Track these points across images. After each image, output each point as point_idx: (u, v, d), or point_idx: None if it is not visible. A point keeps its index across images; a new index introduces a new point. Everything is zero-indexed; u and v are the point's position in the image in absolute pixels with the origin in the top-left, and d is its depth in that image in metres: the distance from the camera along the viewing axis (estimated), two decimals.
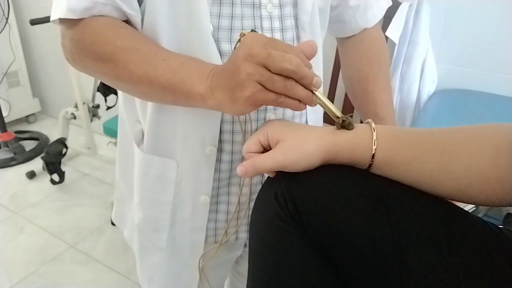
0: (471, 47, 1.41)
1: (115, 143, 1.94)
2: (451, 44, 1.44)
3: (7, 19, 2.26)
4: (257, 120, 0.68)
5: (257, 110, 0.67)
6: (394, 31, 1.35)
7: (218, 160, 0.70)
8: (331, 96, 1.57)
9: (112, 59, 0.60)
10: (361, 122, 0.97)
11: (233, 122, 0.67)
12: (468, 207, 0.69)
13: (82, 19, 0.61)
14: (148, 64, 0.58)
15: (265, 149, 0.57)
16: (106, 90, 2.01)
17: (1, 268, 1.73)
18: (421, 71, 1.44)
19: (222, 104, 0.55)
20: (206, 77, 0.56)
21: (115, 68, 0.60)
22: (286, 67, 0.49)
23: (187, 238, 0.77)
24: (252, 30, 0.56)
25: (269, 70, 0.49)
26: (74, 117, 2.22)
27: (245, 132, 0.68)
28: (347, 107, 1.53)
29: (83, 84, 2.10)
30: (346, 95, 1.54)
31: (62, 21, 0.63)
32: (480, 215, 0.79)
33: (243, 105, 0.53)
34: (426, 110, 1.39)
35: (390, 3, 0.85)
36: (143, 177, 0.74)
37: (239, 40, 0.55)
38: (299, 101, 0.52)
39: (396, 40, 1.37)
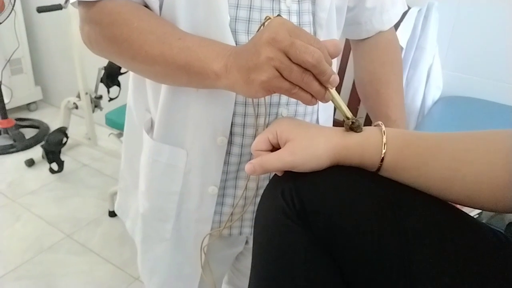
0: (478, 55, 1.41)
1: (117, 135, 1.94)
2: (458, 51, 1.44)
3: (13, 6, 2.25)
4: (269, 115, 0.68)
5: (270, 105, 0.67)
6: (401, 36, 1.35)
7: (228, 153, 0.70)
8: None
9: (128, 39, 0.60)
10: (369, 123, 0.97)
11: (244, 115, 0.67)
12: (473, 213, 0.69)
13: (100, 1, 0.61)
14: (164, 44, 0.58)
15: (274, 147, 0.56)
16: (109, 81, 2.00)
17: None
18: (427, 77, 1.44)
19: (236, 84, 0.54)
20: (222, 56, 0.56)
21: (130, 49, 0.60)
22: (307, 59, 0.48)
23: (192, 229, 0.76)
24: (278, 15, 0.55)
25: (290, 59, 0.49)
26: (76, 107, 2.21)
27: (256, 126, 0.68)
28: (351, 108, 1.53)
29: (86, 75, 2.09)
30: (351, 95, 1.54)
31: (80, 3, 0.63)
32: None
33: (256, 89, 0.52)
34: (430, 115, 1.38)
35: (406, 8, 0.85)
36: (151, 166, 0.74)
37: (263, 24, 0.54)
38: (312, 96, 0.52)
39: (403, 45, 1.37)
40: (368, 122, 1.42)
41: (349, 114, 0.53)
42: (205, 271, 0.80)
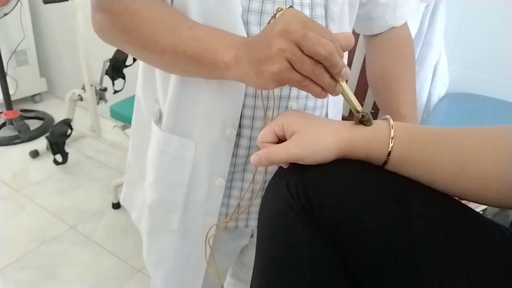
0: (484, 52, 1.40)
1: (121, 127, 1.94)
2: (465, 47, 1.43)
3: None
4: (279, 108, 0.68)
5: (279, 98, 0.67)
6: None
7: (236, 145, 0.70)
8: None
9: (139, 28, 0.60)
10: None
11: (254, 107, 0.67)
12: (479, 209, 0.69)
13: None
14: (174, 33, 0.58)
15: (280, 139, 0.56)
16: (114, 73, 2.01)
17: (1, 246, 1.73)
18: (433, 73, 1.43)
19: (246, 75, 0.54)
20: (233, 47, 0.55)
21: (141, 38, 0.60)
22: (320, 51, 0.48)
23: (199, 220, 0.77)
24: (290, 7, 0.55)
25: (302, 51, 0.49)
26: (81, 99, 2.22)
27: (265, 119, 0.68)
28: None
29: (91, 67, 2.10)
30: (356, 88, 1.53)
31: None
32: None
33: (267, 80, 0.52)
34: (435, 112, 1.38)
35: (419, 3, 0.84)
36: (159, 157, 0.74)
37: (274, 16, 0.54)
38: (322, 88, 0.52)
39: None
40: (375, 115, 1.41)
41: (359, 107, 0.53)
42: (210, 263, 0.81)
